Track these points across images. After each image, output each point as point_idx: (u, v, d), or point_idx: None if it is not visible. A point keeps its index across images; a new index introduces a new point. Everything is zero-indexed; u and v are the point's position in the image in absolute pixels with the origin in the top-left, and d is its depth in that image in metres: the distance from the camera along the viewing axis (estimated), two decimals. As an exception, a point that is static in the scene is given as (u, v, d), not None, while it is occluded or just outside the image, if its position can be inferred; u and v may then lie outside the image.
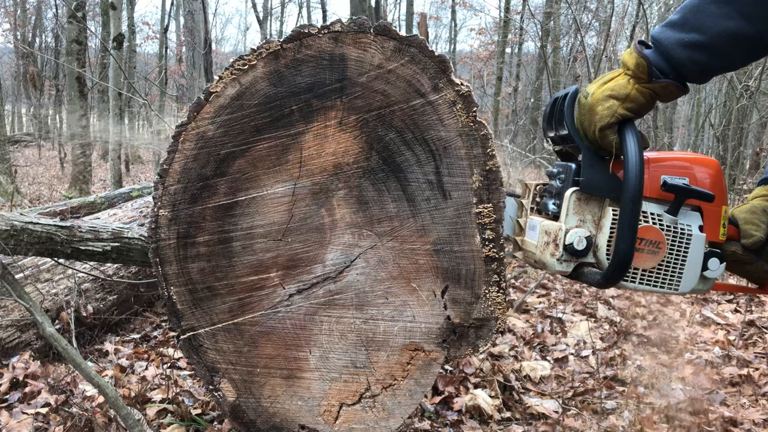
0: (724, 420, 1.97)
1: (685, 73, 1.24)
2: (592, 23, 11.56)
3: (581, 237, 1.30)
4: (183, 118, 1.33)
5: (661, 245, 1.30)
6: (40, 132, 19.44)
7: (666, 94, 1.26)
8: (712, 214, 1.36)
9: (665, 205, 1.32)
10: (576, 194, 1.32)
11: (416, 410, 1.97)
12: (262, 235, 1.36)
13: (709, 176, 1.35)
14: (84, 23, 8.15)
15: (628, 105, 1.25)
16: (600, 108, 1.26)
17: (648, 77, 1.24)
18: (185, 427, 1.87)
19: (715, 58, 1.21)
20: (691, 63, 1.21)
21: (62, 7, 13.50)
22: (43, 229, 1.59)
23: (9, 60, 24.74)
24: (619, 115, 1.25)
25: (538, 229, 1.36)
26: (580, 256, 1.31)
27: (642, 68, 1.23)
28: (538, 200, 1.47)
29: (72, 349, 1.59)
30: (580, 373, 2.46)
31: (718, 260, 1.34)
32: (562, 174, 1.37)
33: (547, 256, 1.34)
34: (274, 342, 1.40)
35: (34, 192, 9.10)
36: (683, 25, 1.21)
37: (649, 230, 1.29)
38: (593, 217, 1.33)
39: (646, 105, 1.26)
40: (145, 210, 3.35)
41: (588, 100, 1.29)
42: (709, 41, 1.19)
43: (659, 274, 1.33)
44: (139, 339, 2.88)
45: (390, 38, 1.30)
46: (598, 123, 1.26)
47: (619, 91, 1.25)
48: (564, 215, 1.33)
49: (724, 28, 1.17)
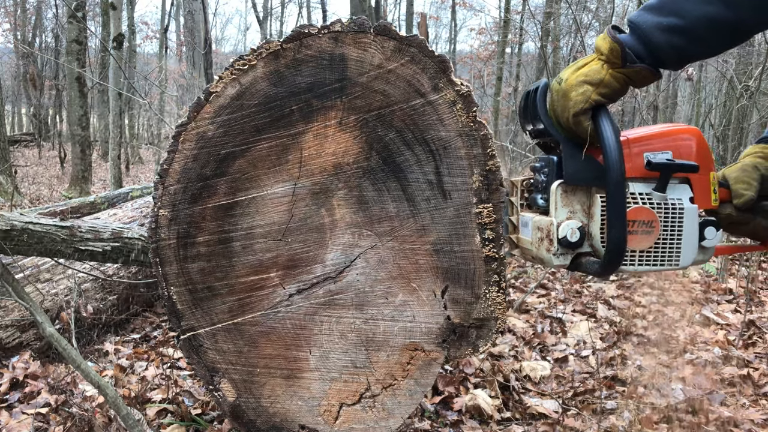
0: (724, 420, 1.97)
1: (663, 57, 1.23)
2: (592, 23, 11.56)
3: (573, 229, 1.30)
4: (183, 118, 1.33)
5: (654, 224, 1.29)
6: (40, 132, 19.44)
7: (639, 79, 1.25)
8: (701, 182, 1.34)
9: (652, 182, 1.31)
10: (562, 187, 1.32)
11: (416, 410, 1.97)
12: (262, 235, 1.36)
13: (693, 146, 1.34)
14: (84, 23, 8.15)
15: (602, 90, 1.24)
16: (574, 94, 1.25)
17: (622, 62, 1.22)
18: (185, 427, 1.87)
19: (693, 42, 1.20)
20: (669, 47, 1.20)
21: (62, 7, 13.50)
22: (43, 229, 1.59)
23: (9, 60, 24.73)
24: (593, 101, 1.24)
25: (531, 225, 1.36)
26: (575, 247, 1.31)
27: (616, 53, 1.22)
28: (527, 196, 1.46)
29: (72, 349, 1.59)
30: (580, 373, 2.46)
31: (714, 228, 1.33)
32: (546, 168, 1.37)
33: (543, 252, 1.33)
34: (274, 342, 1.40)
35: (34, 192, 9.10)
36: (661, 8, 1.20)
37: (640, 211, 1.28)
38: (582, 207, 1.33)
39: (619, 90, 1.25)
40: (145, 210, 3.35)
41: (561, 86, 1.27)
42: (687, 26, 1.18)
43: (657, 252, 1.32)
44: (139, 339, 2.88)
45: (390, 38, 1.30)
46: (572, 109, 1.25)
47: (593, 77, 1.24)
48: (553, 209, 1.32)
49: (703, 12, 1.16)
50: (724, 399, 2.18)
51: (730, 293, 3.74)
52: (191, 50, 11.98)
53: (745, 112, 7.28)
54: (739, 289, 3.73)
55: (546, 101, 1.31)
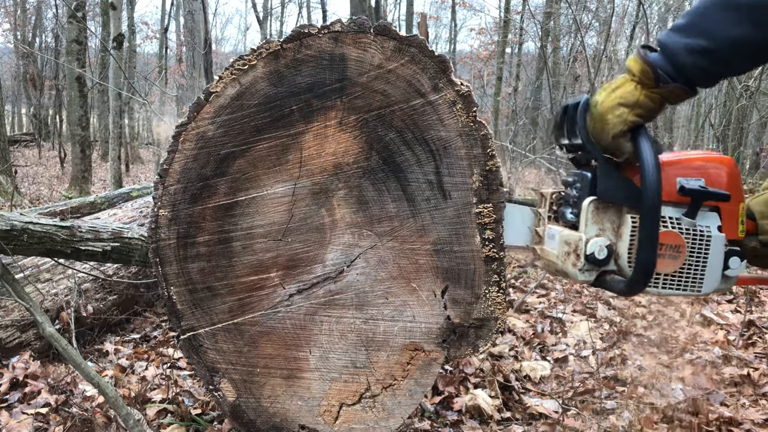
0: (724, 420, 1.97)
1: (691, 77, 1.24)
2: (592, 23, 11.56)
3: (602, 246, 1.31)
4: (183, 118, 1.33)
5: (681, 249, 1.30)
6: (40, 132, 19.45)
7: (673, 98, 1.27)
8: (730, 212, 1.35)
9: (683, 208, 1.32)
10: (594, 203, 1.33)
11: (416, 410, 1.97)
12: (262, 235, 1.36)
13: (725, 175, 1.35)
14: (84, 23, 8.15)
15: (638, 111, 1.26)
16: (611, 116, 1.27)
17: (654, 82, 1.24)
18: (185, 427, 1.87)
19: (719, 63, 1.21)
20: (696, 68, 1.22)
21: (62, 7, 13.50)
22: (43, 229, 1.59)
23: (9, 60, 24.74)
24: (630, 122, 1.25)
25: (557, 238, 1.36)
26: (602, 264, 1.32)
27: (647, 74, 1.24)
28: (555, 209, 1.47)
29: (72, 349, 1.59)
30: (580, 373, 2.46)
31: (738, 258, 1.34)
32: (578, 183, 1.38)
33: (569, 267, 1.34)
34: (274, 342, 1.40)
35: (34, 192, 9.10)
36: (690, 30, 1.22)
37: (669, 235, 1.29)
38: (612, 225, 1.34)
39: (655, 109, 1.27)
40: (145, 210, 3.35)
41: (598, 109, 1.29)
42: (714, 47, 1.19)
43: (681, 277, 1.33)
44: (139, 339, 2.88)
45: (390, 38, 1.30)
46: (611, 131, 1.26)
47: (628, 98, 1.26)
48: (583, 225, 1.33)
49: (730, 33, 1.17)
50: (724, 399, 2.18)
51: (730, 293, 3.74)
52: (191, 50, 11.98)
53: (745, 112, 7.29)
54: (739, 289, 3.73)
55: (586, 118, 1.32)
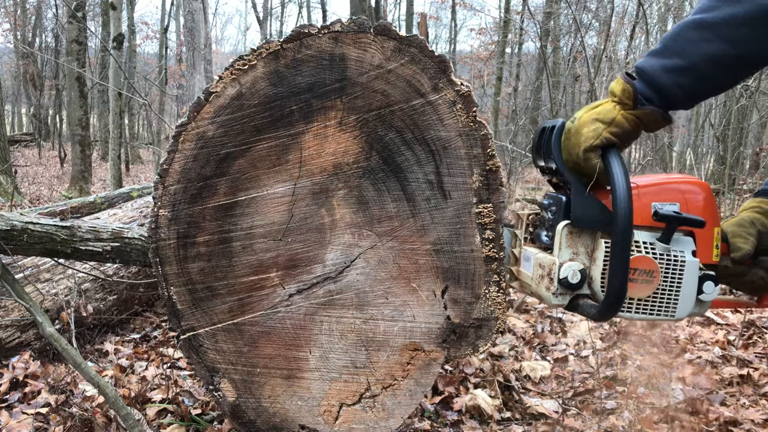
0: (724, 420, 1.97)
1: (672, 98, 1.26)
2: (592, 23, 11.57)
3: (575, 270, 1.30)
4: (183, 118, 1.33)
5: (654, 274, 1.29)
6: (40, 132, 19.45)
7: (650, 122, 1.28)
8: (705, 237, 1.35)
9: (657, 232, 1.31)
10: (568, 228, 1.32)
11: (416, 410, 1.97)
12: (262, 235, 1.36)
13: (701, 199, 1.34)
14: (84, 23, 8.15)
15: (613, 129, 1.27)
16: (585, 130, 1.28)
17: (633, 103, 1.26)
18: (185, 427, 1.87)
19: (698, 80, 1.23)
20: (675, 87, 1.24)
21: (62, 7, 13.50)
22: (43, 229, 1.59)
23: (9, 60, 24.75)
24: (604, 138, 1.26)
25: (533, 261, 1.36)
26: (575, 288, 1.32)
27: (627, 94, 1.26)
28: (531, 230, 1.47)
29: (72, 349, 1.59)
30: (580, 373, 2.46)
31: (713, 283, 1.33)
32: (553, 206, 1.37)
33: (542, 290, 1.34)
34: (274, 342, 1.40)
35: (34, 192, 9.10)
36: (664, 51, 1.25)
37: (642, 260, 1.28)
38: (586, 250, 1.33)
39: (630, 132, 1.28)
40: (145, 210, 3.35)
41: (575, 124, 1.31)
42: (690, 65, 1.21)
43: (654, 302, 1.32)
44: (139, 339, 2.88)
45: (390, 38, 1.30)
46: (583, 144, 1.27)
47: (605, 116, 1.28)
48: (557, 249, 1.32)
49: (704, 50, 1.19)
50: (724, 399, 2.18)
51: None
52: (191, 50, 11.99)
53: (745, 112, 7.28)
54: (739, 289, 3.72)
55: (560, 140, 1.33)
